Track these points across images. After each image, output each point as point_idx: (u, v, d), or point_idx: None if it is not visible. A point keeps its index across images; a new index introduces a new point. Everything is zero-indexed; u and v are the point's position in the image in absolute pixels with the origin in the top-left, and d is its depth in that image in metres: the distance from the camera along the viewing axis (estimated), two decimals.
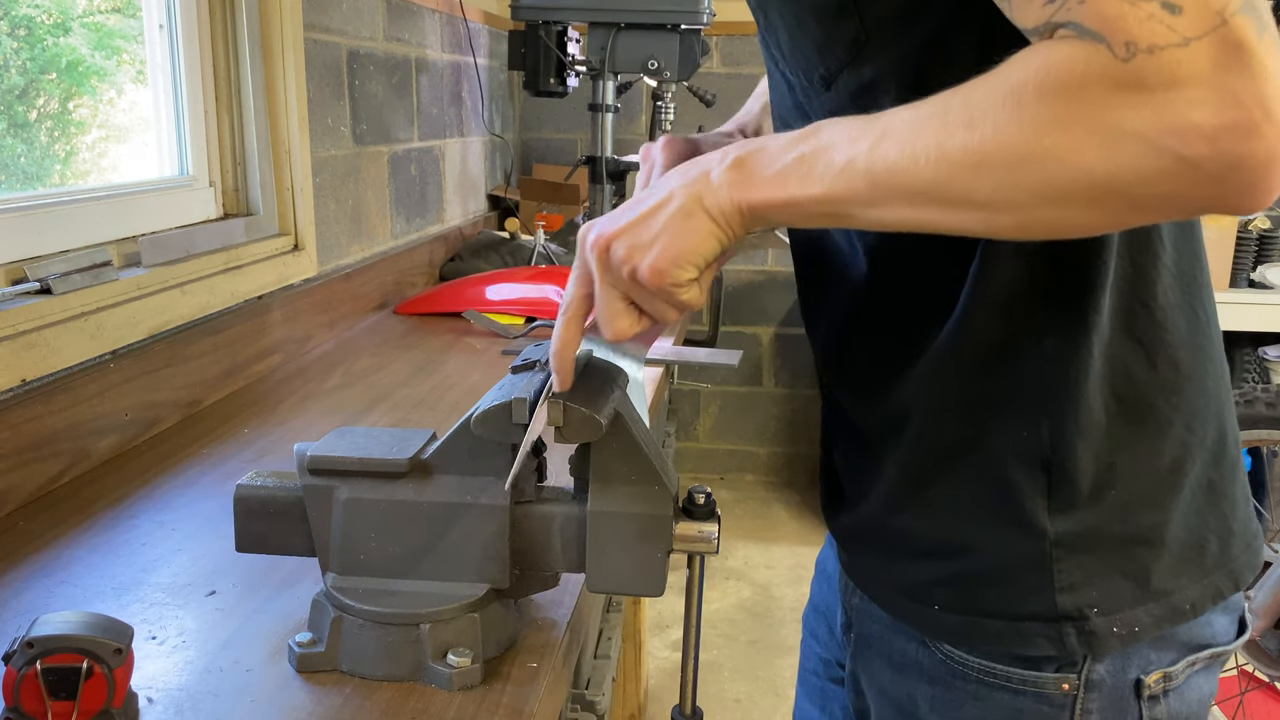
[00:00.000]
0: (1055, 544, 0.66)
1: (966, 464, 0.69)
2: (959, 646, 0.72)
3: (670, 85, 2.39)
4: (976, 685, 0.71)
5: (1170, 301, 0.66)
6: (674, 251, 0.61)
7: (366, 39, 1.94)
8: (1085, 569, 0.66)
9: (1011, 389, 0.66)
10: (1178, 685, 0.71)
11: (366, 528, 0.73)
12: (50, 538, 0.94)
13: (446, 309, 1.92)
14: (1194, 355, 0.68)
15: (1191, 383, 0.67)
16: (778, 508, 3.56)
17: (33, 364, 1.03)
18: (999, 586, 0.68)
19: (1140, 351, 0.65)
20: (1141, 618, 0.67)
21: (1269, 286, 2.87)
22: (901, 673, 0.76)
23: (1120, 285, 0.64)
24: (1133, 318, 0.65)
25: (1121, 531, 0.66)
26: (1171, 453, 0.67)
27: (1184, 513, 0.68)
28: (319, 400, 1.39)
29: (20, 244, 1.12)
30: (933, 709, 0.74)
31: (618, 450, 0.72)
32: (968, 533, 0.69)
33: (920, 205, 0.54)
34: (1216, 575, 0.69)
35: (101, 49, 1.46)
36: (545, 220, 2.81)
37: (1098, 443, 0.65)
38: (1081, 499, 0.66)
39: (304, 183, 1.65)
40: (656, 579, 0.73)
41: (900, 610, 0.75)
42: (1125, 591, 0.67)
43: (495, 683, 0.70)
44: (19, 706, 0.60)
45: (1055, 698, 0.69)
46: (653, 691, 2.45)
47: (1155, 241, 0.65)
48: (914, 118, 0.54)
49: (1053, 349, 0.64)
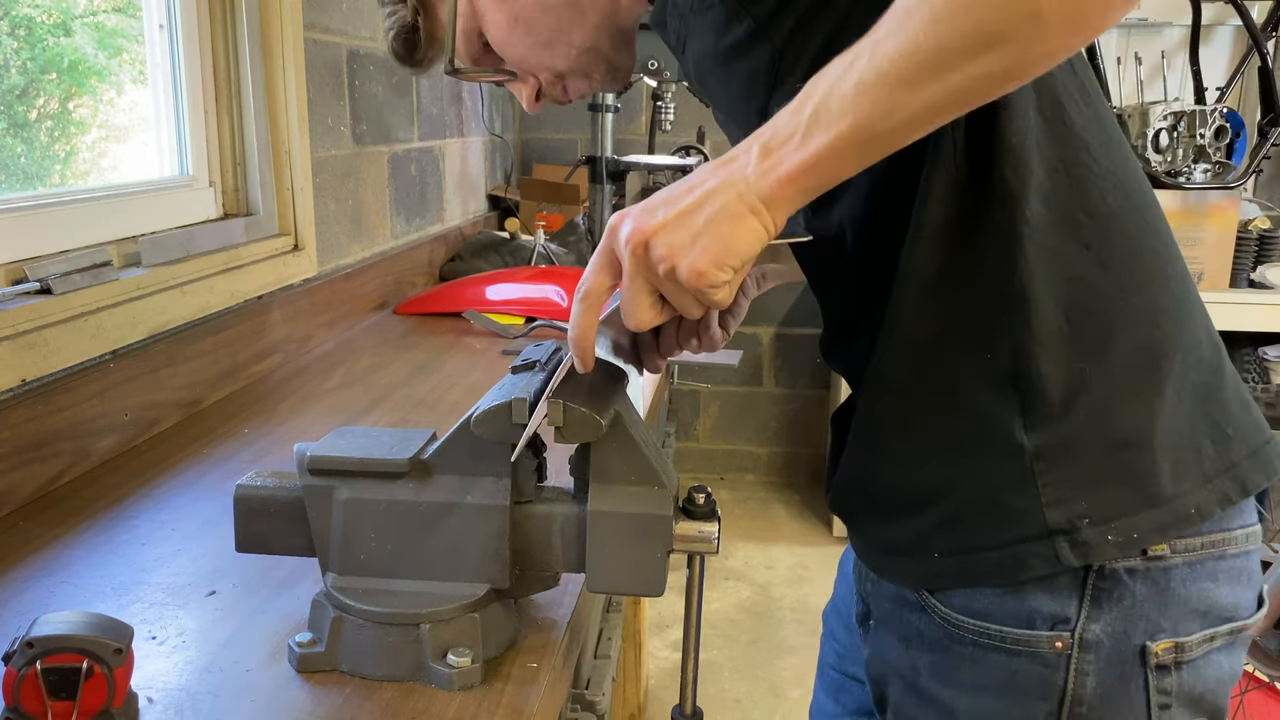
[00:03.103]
0: (1035, 458, 0.66)
1: (937, 401, 0.69)
2: (955, 593, 0.71)
3: (670, 85, 2.38)
4: (973, 648, 0.71)
5: (1112, 208, 0.67)
6: (716, 252, 0.61)
7: (366, 39, 1.94)
8: (1071, 481, 0.66)
9: (961, 316, 0.67)
10: (1193, 659, 0.69)
11: (366, 528, 0.73)
12: (50, 538, 0.94)
13: (446, 309, 1.92)
14: (1149, 259, 0.68)
15: (1151, 285, 0.68)
16: (778, 508, 3.56)
17: (33, 364, 1.03)
18: (988, 515, 0.68)
19: (1090, 256, 0.66)
20: (1140, 524, 0.66)
21: (1269, 286, 2.87)
22: (907, 645, 0.76)
23: (1060, 195, 0.66)
24: (1077, 226, 0.66)
25: (1103, 437, 0.66)
26: (1141, 354, 0.67)
27: (1169, 416, 0.67)
28: (319, 400, 1.39)
29: (20, 244, 1.12)
30: (933, 675, 0.73)
31: (618, 450, 0.72)
32: (952, 470, 0.69)
33: (937, 77, 0.54)
34: (1220, 480, 0.68)
35: (103, 49, 1.46)
36: (545, 220, 2.81)
37: (1063, 350, 0.65)
38: (1055, 409, 0.66)
39: (304, 183, 1.65)
40: (656, 579, 0.73)
41: (903, 571, 0.75)
42: (1118, 499, 0.66)
43: (495, 683, 0.70)
44: (19, 706, 0.60)
45: (1049, 657, 0.68)
46: (653, 691, 2.45)
47: (1083, 153, 0.67)
48: (892, 12, 0.56)
49: (992, 268, 0.66)
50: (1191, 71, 2.90)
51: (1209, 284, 2.82)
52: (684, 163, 2.45)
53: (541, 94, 0.89)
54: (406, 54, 0.93)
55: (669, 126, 2.45)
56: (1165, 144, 2.82)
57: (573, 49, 0.84)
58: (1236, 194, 2.79)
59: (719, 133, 3.73)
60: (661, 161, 2.49)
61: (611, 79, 0.88)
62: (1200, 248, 2.80)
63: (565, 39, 0.83)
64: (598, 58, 0.85)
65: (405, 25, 0.91)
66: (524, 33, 0.84)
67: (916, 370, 0.70)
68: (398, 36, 0.92)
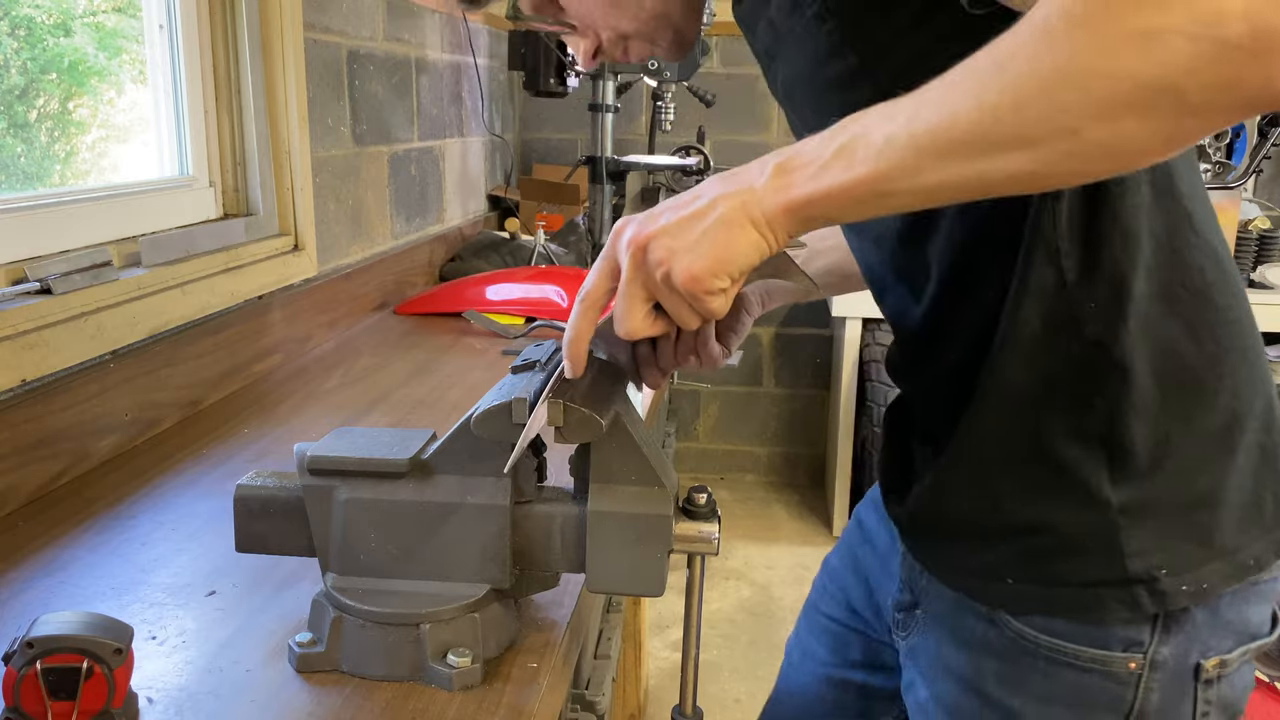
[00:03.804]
0: (1120, 513, 0.70)
1: (1027, 452, 0.72)
2: (1032, 616, 0.74)
3: (670, 85, 2.39)
4: (1045, 662, 0.74)
5: (1208, 281, 0.70)
6: (713, 258, 0.61)
7: (366, 39, 1.94)
8: (1151, 534, 0.70)
9: (1061, 377, 0.70)
10: (1230, 673, 0.75)
11: (366, 528, 0.73)
12: (50, 538, 0.94)
13: (446, 309, 1.92)
14: (1233, 330, 0.72)
15: (1233, 354, 0.72)
16: (778, 508, 3.56)
17: (33, 364, 1.03)
18: (1070, 558, 0.72)
19: (1185, 330, 0.70)
20: (1209, 575, 0.71)
21: (1269, 286, 2.87)
22: (969, 649, 0.78)
23: (1161, 271, 0.69)
24: (1175, 300, 0.69)
25: (1181, 497, 0.70)
26: (1221, 420, 0.71)
27: (1239, 476, 0.72)
28: (319, 400, 1.39)
29: (20, 244, 1.12)
30: (1000, 682, 0.77)
31: (618, 450, 0.72)
32: (1033, 513, 0.73)
33: (966, 158, 0.54)
34: (1277, 531, 0.73)
35: (103, 49, 1.46)
36: (545, 220, 2.81)
37: (1151, 417, 0.69)
38: (1141, 470, 0.70)
39: (304, 183, 1.65)
40: (656, 579, 0.73)
41: (971, 587, 0.78)
42: (1190, 553, 0.70)
43: (495, 683, 0.70)
44: (19, 706, 0.60)
45: (1121, 675, 0.73)
46: (653, 691, 2.45)
47: (1185, 226, 0.70)
48: (945, 81, 0.55)
49: (1094, 335, 0.68)
50: None
51: None
52: (684, 163, 2.45)
53: (601, 51, 0.86)
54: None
55: (669, 127, 2.46)
56: None
57: (643, 11, 0.82)
58: (1236, 194, 2.79)
59: (719, 133, 3.74)
60: (661, 162, 2.49)
61: (677, 47, 0.86)
62: None
63: (637, 1, 0.81)
64: (666, 24, 0.83)
65: None
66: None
67: (1008, 419, 0.72)
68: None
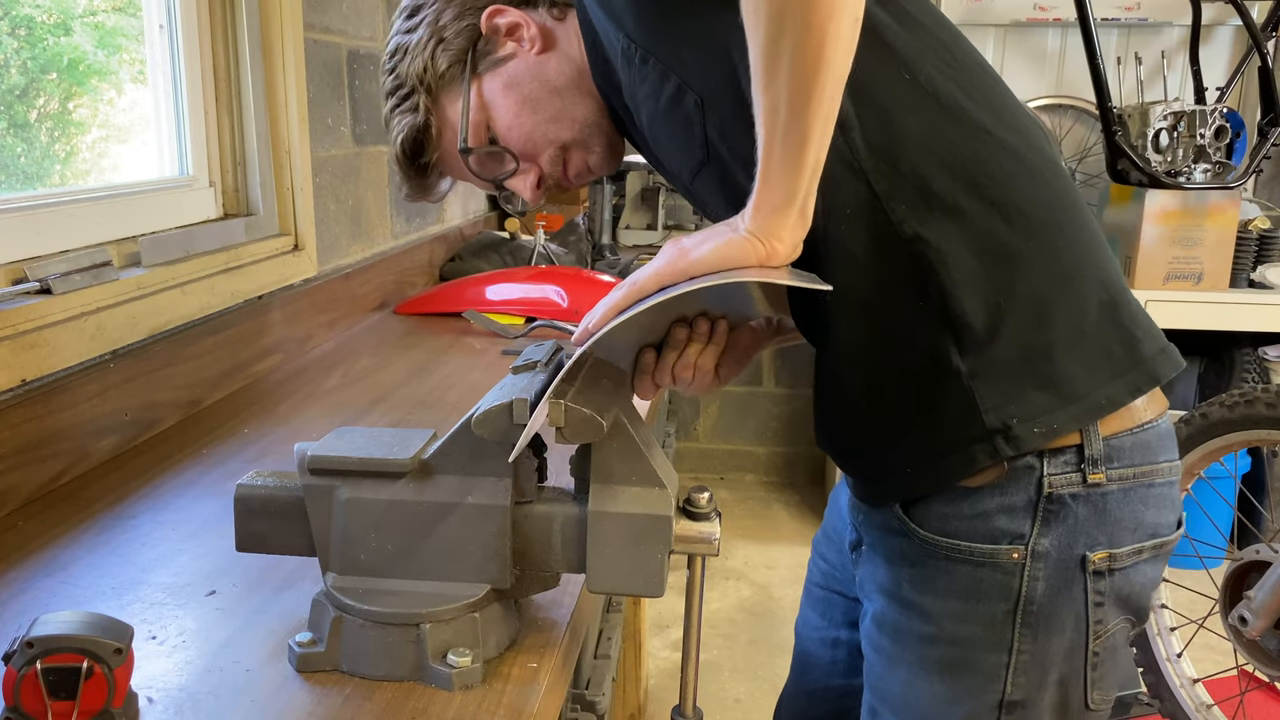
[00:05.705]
0: (972, 377, 0.79)
1: (892, 348, 0.82)
2: (934, 514, 0.84)
3: None
4: (945, 561, 0.84)
5: (1009, 172, 0.81)
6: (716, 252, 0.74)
7: (366, 39, 1.94)
8: (1001, 391, 0.79)
9: (896, 275, 0.79)
10: (1123, 567, 0.84)
11: (367, 528, 0.73)
12: (50, 538, 0.94)
13: (446, 309, 1.92)
14: (1043, 208, 0.81)
15: (1047, 228, 0.81)
16: (778, 508, 3.56)
17: (33, 364, 1.03)
18: (942, 430, 0.82)
19: (995, 212, 0.79)
20: (1059, 418, 0.80)
21: (1269, 286, 2.87)
22: (891, 564, 0.89)
23: (960, 168, 0.79)
24: (979, 188, 0.79)
25: (1022, 355, 0.79)
26: (1047, 286, 0.80)
27: (1076, 332, 0.80)
28: (319, 400, 1.39)
29: (20, 244, 1.12)
30: (913, 586, 0.87)
31: (618, 451, 0.72)
32: (917, 400, 0.82)
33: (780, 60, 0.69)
34: (1131, 374, 0.82)
35: (103, 49, 1.46)
36: (545, 220, 2.81)
37: (979, 291, 0.78)
38: (981, 338, 0.79)
39: (304, 183, 1.65)
40: (656, 579, 0.73)
41: (882, 492, 0.88)
42: (1040, 400, 0.80)
43: (495, 683, 0.71)
44: (19, 706, 0.60)
45: (1007, 566, 0.83)
46: (653, 691, 2.45)
47: (981, 133, 0.81)
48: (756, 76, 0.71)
49: (910, 232, 0.79)
50: (1191, 71, 2.90)
51: (1209, 284, 2.82)
52: None
53: (542, 180, 0.99)
54: (415, 155, 1.00)
55: None
56: (1165, 144, 2.82)
57: (576, 122, 0.95)
58: (1236, 194, 2.79)
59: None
60: None
61: (610, 155, 0.98)
62: (1200, 248, 2.80)
63: (569, 114, 0.95)
64: (598, 131, 0.96)
65: (416, 127, 0.98)
66: (531, 111, 0.95)
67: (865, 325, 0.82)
68: (407, 139, 0.98)
